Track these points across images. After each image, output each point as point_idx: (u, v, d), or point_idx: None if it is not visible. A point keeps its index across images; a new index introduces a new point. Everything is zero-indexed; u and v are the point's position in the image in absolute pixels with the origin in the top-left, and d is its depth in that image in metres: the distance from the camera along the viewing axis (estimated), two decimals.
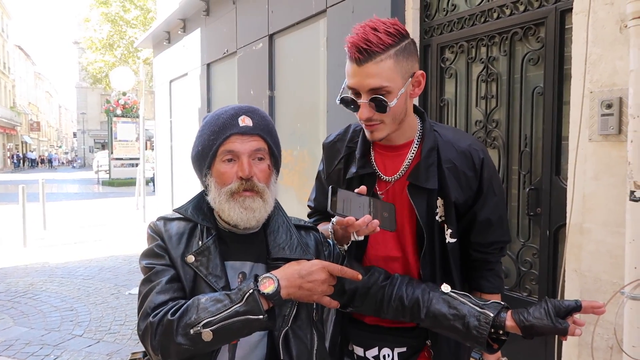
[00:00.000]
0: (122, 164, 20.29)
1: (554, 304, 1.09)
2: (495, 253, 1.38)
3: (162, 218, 1.24)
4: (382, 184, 1.35)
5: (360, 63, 1.18)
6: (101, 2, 22.73)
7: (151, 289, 1.12)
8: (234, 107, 1.21)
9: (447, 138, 1.33)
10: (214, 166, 1.18)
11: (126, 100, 19.87)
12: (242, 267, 1.20)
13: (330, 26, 4.36)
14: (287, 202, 5.50)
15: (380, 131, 1.26)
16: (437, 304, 1.19)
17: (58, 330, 4.21)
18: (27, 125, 51.45)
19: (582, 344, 2.26)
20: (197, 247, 1.17)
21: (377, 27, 1.19)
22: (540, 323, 1.07)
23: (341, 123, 1.49)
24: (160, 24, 8.95)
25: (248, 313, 1.04)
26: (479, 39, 3.03)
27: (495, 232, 1.34)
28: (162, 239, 1.19)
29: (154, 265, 1.15)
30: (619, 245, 2.06)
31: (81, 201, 15.02)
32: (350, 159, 1.40)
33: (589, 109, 2.21)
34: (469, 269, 1.40)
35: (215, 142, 1.16)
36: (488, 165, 1.33)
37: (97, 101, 48.77)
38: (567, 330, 1.06)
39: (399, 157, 1.34)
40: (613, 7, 2.11)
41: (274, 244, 1.22)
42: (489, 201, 1.32)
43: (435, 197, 1.30)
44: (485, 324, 1.12)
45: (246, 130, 1.16)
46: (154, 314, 1.07)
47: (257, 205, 1.16)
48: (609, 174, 2.14)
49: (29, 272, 6.17)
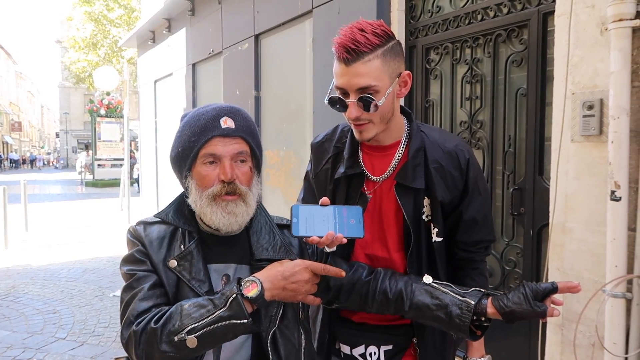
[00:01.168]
0: (105, 164, 20.03)
1: (531, 288, 1.10)
2: (480, 252, 1.40)
3: (141, 222, 1.22)
4: (370, 183, 1.37)
5: (349, 63, 1.19)
6: (84, 1, 22.43)
7: (133, 296, 1.10)
8: (215, 107, 1.18)
9: (433, 138, 1.35)
10: (194, 168, 1.16)
11: (110, 100, 19.63)
12: (225, 269, 1.19)
13: (316, 27, 4.37)
14: (274, 202, 5.49)
15: (368, 131, 1.28)
16: (420, 295, 1.20)
17: (41, 333, 4.15)
18: (8, 126, 50.55)
19: (565, 342, 2.30)
20: (180, 252, 1.15)
21: (364, 28, 1.20)
22: (520, 308, 1.09)
23: (327, 123, 1.49)
24: (145, 24, 8.87)
25: (232, 318, 1.03)
26: (463, 41, 3.06)
27: (480, 231, 1.36)
28: (143, 243, 1.17)
29: (136, 272, 1.13)
30: (601, 244, 2.10)
31: (64, 202, 14.79)
32: (338, 159, 1.41)
33: (571, 110, 2.24)
34: (454, 268, 1.41)
35: (197, 144, 1.14)
36: (474, 165, 1.35)
37: (80, 101, 48.06)
38: (545, 312, 1.08)
39: (386, 157, 1.36)
40: (594, 10, 2.14)
41: (257, 244, 1.21)
42: (474, 201, 1.34)
43: (422, 196, 1.32)
44: (467, 312, 1.14)
45: (228, 132, 1.14)
46: (137, 322, 1.06)
47: (239, 209, 1.15)
48: (590, 174, 2.18)
49: (10, 275, 6.07)
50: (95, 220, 10.70)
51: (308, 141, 4.88)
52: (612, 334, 1.99)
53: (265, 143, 5.65)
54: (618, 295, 1.97)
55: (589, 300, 2.03)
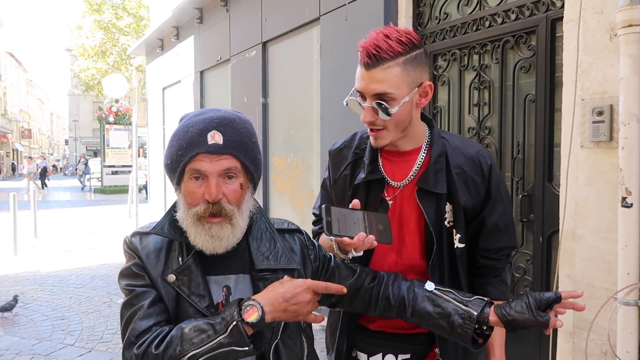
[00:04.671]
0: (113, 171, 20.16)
1: (535, 297, 1.10)
2: (502, 259, 1.39)
3: (137, 233, 1.18)
4: (390, 189, 1.36)
5: (369, 68, 1.21)
6: (94, 10, 22.72)
7: (133, 313, 1.08)
8: (205, 119, 1.11)
9: (455, 144, 1.36)
10: (182, 182, 1.12)
11: (119, 107, 19.80)
12: (225, 280, 1.15)
13: (324, 34, 4.38)
14: (281, 208, 5.49)
15: (383, 138, 1.29)
16: (422, 303, 1.21)
17: (49, 339, 4.16)
18: (18, 133, 51.09)
19: (576, 350, 2.27)
20: (178, 266, 1.12)
21: (390, 35, 1.21)
22: (522, 317, 1.09)
23: (335, 130, 1.50)
24: (154, 32, 8.95)
25: (233, 344, 1.01)
26: (471, 47, 3.05)
27: (503, 237, 1.35)
28: (139, 256, 1.13)
29: (134, 288, 1.11)
30: (612, 251, 2.08)
31: (73, 209, 14.90)
32: (357, 166, 1.41)
33: (580, 116, 2.23)
34: (474, 276, 1.40)
35: (182, 159, 1.09)
36: (495, 172, 1.35)
37: (89, 108, 48.50)
38: (548, 322, 1.08)
39: (406, 162, 1.36)
40: (603, 16, 2.13)
41: (258, 252, 1.17)
42: (497, 207, 1.34)
43: (444, 201, 1.32)
44: (470, 322, 1.14)
45: (215, 150, 1.07)
46: (138, 344, 1.04)
47: (224, 233, 1.09)
48: (600, 181, 2.16)
49: (19, 281, 6.11)
50: (104, 227, 10.77)
51: (315, 148, 4.89)
52: (624, 343, 1.96)
53: (272, 150, 5.66)
54: (630, 303, 1.94)
55: (600, 308, 2.00)
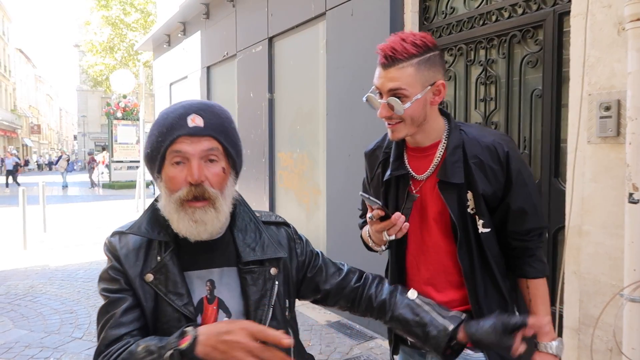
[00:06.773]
0: (122, 166, 20.29)
1: (502, 321, 1.13)
2: (534, 240, 1.45)
3: (117, 233, 1.15)
4: (415, 182, 1.48)
5: (385, 67, 1.34)
6: (102, 6, 22.80)
7: (106, 321, 1.07)
8: (184, 104, 1.11)
9: (472, 135, 1.43)
10: (163, 170, 1.10)
11: (126, 103, 19.87)
12: (208, 275, 1.13)
13: (330, 29, 4.37)
14: (287, 204, 5.50)
15: (398, 131, 1.39)
16: (401, 309, 1.26)
17: (58, 332, 4.21)
18: (27, 128, 51.51)
19: (582, 347, 2.26)
20: (156, 264, 1.10)
21: (406, 38, 1.33)
22: (488, 339, 1.14)
23: (340, 125, 1.51)
24: (161, 27, 8.97)
25: None
26: (477, 42, 3.04)
27: (530, 219, 1.41)
28: (118, 258, 1.11)
29: (109, 294, 1.09)
30: (618, 247, 2.06)
31: (81, 204, 15.02)
32: (387, 163, 1.52)
33: (587, 111, 2.21)
34: (510, 258, 1.47)
35: (163, 144, 1.07)
36: (514, 158, 1.40)
37: (97, 104, 48.76)
38: (510, 347, 1.11)
39: (427, 157, 1.46)
40: (611, 10, 2.11)
41: (243, 244, 1.16)
42: (520, 191, 1.40)
43: (465, 190, 1.40)
44: (444, 336, 1.19)
45: (196, 132, 1.07)
46: (103, 355, 1.04)
47: (209, 217, 1.07)
48: (607, 176, 2.15)
49: (29, 275, 6.17)
50: (112, 222, 10.83)
51: (322, 143, 4.89)
52: (630, 339, 1.95)
53: (278, 145, 5.67)
54: (636, 300, 1.93)
55: (606, 304, 1.99)
